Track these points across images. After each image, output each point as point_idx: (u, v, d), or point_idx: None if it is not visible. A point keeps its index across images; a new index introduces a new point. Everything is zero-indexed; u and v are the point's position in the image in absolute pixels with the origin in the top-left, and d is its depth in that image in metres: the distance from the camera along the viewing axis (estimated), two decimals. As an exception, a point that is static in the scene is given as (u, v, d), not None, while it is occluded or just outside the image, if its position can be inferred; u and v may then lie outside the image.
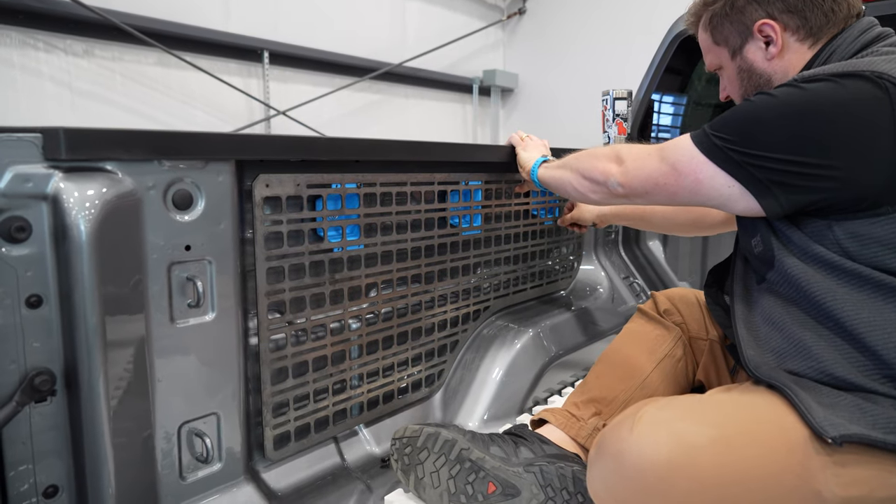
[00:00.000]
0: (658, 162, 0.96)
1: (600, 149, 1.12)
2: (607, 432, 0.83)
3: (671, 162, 0.94)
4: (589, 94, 4.72)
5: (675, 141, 0.96)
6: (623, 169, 1.02)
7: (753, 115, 0.86)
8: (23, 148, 0.77)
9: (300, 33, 3.94)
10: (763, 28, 0.97)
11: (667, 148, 0.96)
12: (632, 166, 1.01)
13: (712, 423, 0.78)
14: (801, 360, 0.85)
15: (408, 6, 4.63)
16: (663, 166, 0.95)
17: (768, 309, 0.92)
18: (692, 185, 0.91)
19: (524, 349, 1.49)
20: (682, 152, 0.92)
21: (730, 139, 0.86)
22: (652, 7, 4.38)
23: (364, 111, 4.45)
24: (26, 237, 0.77)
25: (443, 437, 1.02)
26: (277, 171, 1.05)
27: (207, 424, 0.98)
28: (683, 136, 0.95)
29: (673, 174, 0.93)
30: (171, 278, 0.91)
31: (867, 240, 0.81)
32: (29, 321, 0.79)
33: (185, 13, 3.43)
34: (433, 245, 1.35)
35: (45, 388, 0.80)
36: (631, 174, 1.00)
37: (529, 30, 5.16)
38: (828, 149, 0.80)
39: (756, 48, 1.00)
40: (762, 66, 1.00)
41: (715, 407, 0.83)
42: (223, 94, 3.64)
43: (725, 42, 1.04)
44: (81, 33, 3.09)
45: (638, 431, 0.77)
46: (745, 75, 1.03)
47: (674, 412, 0.81)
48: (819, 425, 0.74)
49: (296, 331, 1.11)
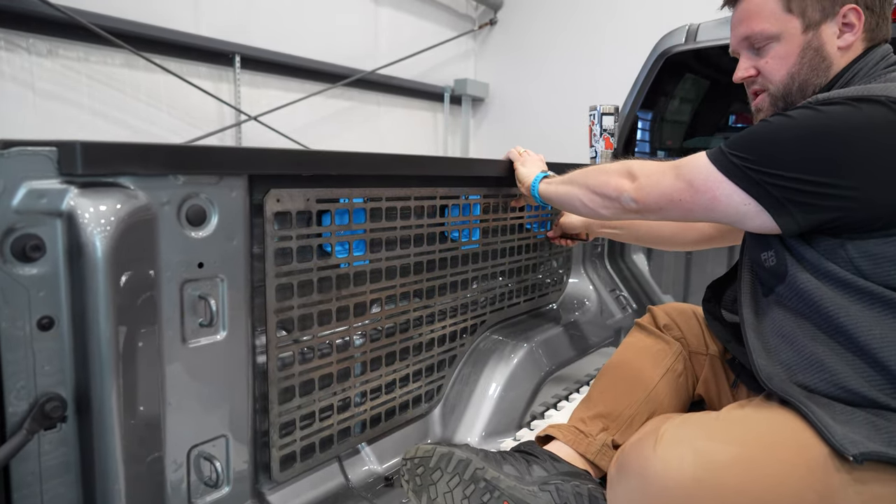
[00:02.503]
0: (673, 179, 0.97)
1: (610, 165, 1.12)
2: (629, 451, 0.83)
3: (688, 179, 0.95)
4: (558, 105, 4.81)
5: (691, 158, 0.97)
6: (637, 185, 1.02)
7: (771, 135, 0.88)
8: (37, 162, 0.73)
9: (272, 38, 3.88)
10: (849, 14, 0.94)
11: (683, 165, 0.97)
12: (646, 182, 1.01)
13: (733, 441, 0.79)
14: (813, 374, 0.87)
15: (380, 14, 4.61)
16: (679, 183, 0.96)
17: (779, 322, 0.93)
18: (709, 203, 0.92)
19: (520, 364, 1.49)
20: (699, 170, 0.93)
21: (748, 158, 0.87)
22: (620, 20, 4.48)
23: (336, 118, 4.41)
24: (41, 256, 0.73)
25: (457, 456, 1.01)
26: (288, 186, 1.02)
27: (216, 447, 0.95)
28: (699, 153, 0.96)
29: (689, 191, 0.94)
30: (184, 297, 0.88)
31: (880, 259, 0.83)
32: (40, 344, 0.75)
33: (153, 14, 3.33)
34: (434, 260, 1.34)
35: (55, 414, 0.76)
36: (645, 190, 1.01)
37: (500, 40, 5.21)
38: (843, 169, 0.82)
39: (831, 31, 0.95)
40: (831, 50, 0.96)
41: (734, 424, 0.84)
42: (193, 98, 3.56)
43: (802, 13, 0.96)
44: (45, 32, 2.97)
45: (662, 450, 0.78)
46: (810, 53, 0.96)
47: (695, 430, 0.81)
48: (839, 443, 0.76)
49: (303, 348, 1.09)
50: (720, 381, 1.22)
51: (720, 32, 1.89)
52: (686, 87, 2.21)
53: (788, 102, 1.00)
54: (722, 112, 2.27)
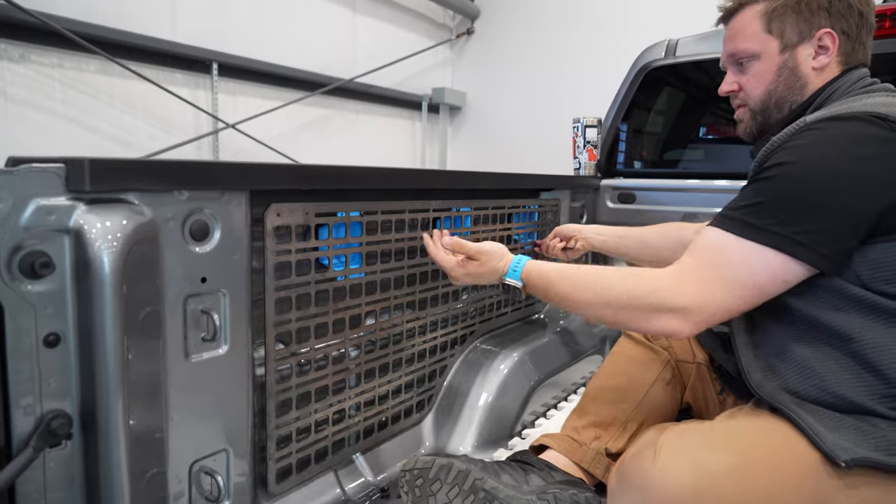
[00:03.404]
0: (725, 289, 0.87)
1: (634, 295, 0.93)
2: (629, 463, 0.85)
3: (743, 280, 0.87)
4: (535, 113, 4.87)
5: (727, 256, 0.88)
6: (682, 320, 0.89)
7: (801, 191, 0.85)
8: (46, 179, 0.73)
9: (250, 46, 3.86)
10: (824, 37, 0.98)
11: (725, 265, 0.88)
12: (694, 314, 0.89)
13: (729, 451, 0.81)
14: (802, 380, 0.88)
15: (359, 22, 4.62)
16: (736, 290, 0.87)
17: (769, 329, 0.95)
18: (778, 288, 0.88)
19: (510, 373, 1.51)
20: (751, 263, 0.86)
21: (784, 220, 0.84)
22: (596, 32, 4.57)
23: (314, 126, 4.40)
24: (50, 273, 0.73)
25: (456, 467, 1.03)
26: (287, 201, 1.03)
27: (217, 462, 0.95)
28: (730, 242, 0.88)
29: (754, 292, 0.87)
30: (187, 312, 0.88)
31: (881, 265, 0.84)
32: (46, 361, 0.75)
33: (129, 20, 3.29)
34: (427, 271, 1.36)
35: (61, 431, 0.76)
36: (696, 321, 0.89)
37: (477, 50, 5.26)
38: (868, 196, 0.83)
39: (807, 53, 1.00)
40: (806, 70, 1.01)
41: (728, 434, 0.86)
42: (169, 106, 3.51)
43: (780, 34, 1.01)
44: (17, 37, 2.91)
45: (661, 462, 0.80)
46: (786, 73, 1.02)
47: (691, 441, 0.83)
48: (830, 450, 0.79)
49: (300, 361, 1.10)
50: (707, 388, 1.25)
51: (699, 48, 1.95)
52: (665, 101, 2.27)
53: (766, 116, 1.06)
54: (698, 125, 2.34)
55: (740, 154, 2.30)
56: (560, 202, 1.87)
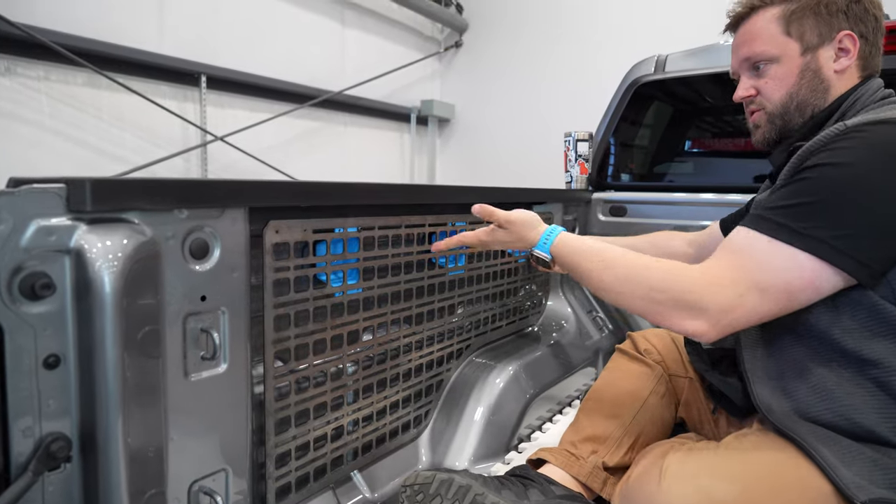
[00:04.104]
0: (759, 294, 0.82)
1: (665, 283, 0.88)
2: (633, 484, 0.86)
3: (777, 284, 0.82)
4: (523, 126, 4.91)
5: (758, 258, 0.83)
6: (710, 322, 0.84)
7: (843, 194, 0.81)
8: (47, 200, 0.72)
9: (239, 58, 3.86)
10: (845, 39, 0.97)
11: (756, 269, 0.83)
12: (723, 316, 0.83)
13: (735, 478, 0.81)
14: (819, 403, 0.86)
15: (347, 35, 4.64)
16: (769, 294, 0.82)
17: (786, 346, 0.91)
18: (812, 296, 0.83)
19: (506, 387, 1.52)
20: (784, 267, 0.81)
21: (831, 229, 0.80)
22: (583, 45, 4.62)
23: (303, 138, 4.40)
24: (50, 294, 0.72)
25: (457, 482, 1.02)
26: (286, 217, 1.03)
27: (216, 481, 0.94)
28: (761, 244, 0.84)
29: (784, 297, 0.82)
30: (187, 330, 0.87)
31: None
32: (46, 383, 0.74)
33: (116, 33, 3.28)
34: (423, 286, 1.36)
35: (61, 454, 0.75)
36: (724, 323, 0.84)
37: (466, 62, 5.29)
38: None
39: (828, 55, 0.98)
40: (828, 73, 0.99)
41: (735, 460, 0.85)
42: (157, 118, 3.50)
43: (801, 36, 0.99)
44: (3, 50, 2.88)
45: (667, 486, 0.80)
46: (808, 75, 0.99)
47: (697, 466, 0.84)
48: (847, 487, 0.77)
49: (298, 378, 1.09)
50: (701, 404, 1.25)
51: (687, 63, 1.99)
52: (655, 115, 2.30)
53: (786, 121, 1.03)
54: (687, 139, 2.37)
55: (730, 167, 2.34)
56: (553, 215, 1.88)
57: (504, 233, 1.16)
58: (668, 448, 0.88)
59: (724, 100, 2.20)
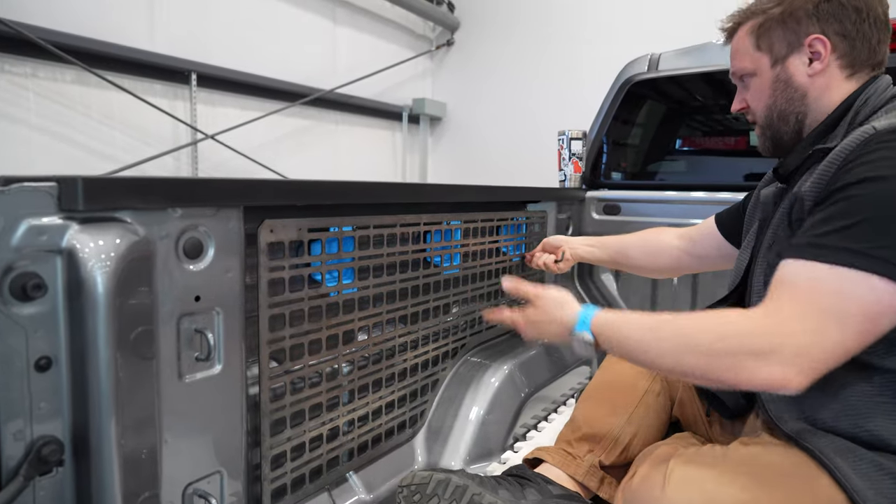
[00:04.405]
0: (839, 328, 0.75)
1: (730, 339, 0.79)
2: (637, 488, 0.85)
3: (854, 312, 0.75)
4: (515, 124, 4.90)
5: (825, 287, 0.76)
6: (795, 369, 0.75)
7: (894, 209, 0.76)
8: (37, 199, 0.71)
9: (230, 56, 3.83)
10: (814, 43, 0.95)
11: (836, 302, 0.75)
12: (806, 360, 0.75)
13: (741, 486, 0.79)
14: (836, 414, 0.84)
15: (339, 33, 4.61)
16: (853, 326, 0.75)
17: None
18: (893, 320, 0.76)
19: (501, 386, 1.51)
20: (857, 293, 0.75)
21: (893, 246, 0.74)
22: (574, 44, 4.62)
23: (294, 136, 4.37)
24: (42, 295, 0.71)
25: (454, 482, 1.02)
26: (280, 216, 1.02)
27: (211, 484, 0.93)
28: (822, 272, 0.77)
29: (868, 326, 0.75)
30: (181, 331, 0.86)
31: None
32: (37, 385, 0.73)
33: (106, 30, 3.24)
34: (418, 285, 1.35)
35: (53, 458, 0.73)
36: (810, 368, 0.75)
37: (457, 61, 5.28)
38: None
39: (800, 62, 0.98)
40: (801, 80, 0.98)
41: (742, 467, 0.83)
42: (147, 116, 3.46)
43: (770, 49, 1.00)
44: (-10, 47, 2.85)
45: (671, 491, 0.79)
46: (780, 86, 1.00)
47: (702, 470, 0.82)
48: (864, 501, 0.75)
49: (293, 379, 1.08)
50: (695, 404, 1.25)
51: (680, 62, 1.99)
52: (648, 114, 2.30)
53: (774, 131, 1.03)
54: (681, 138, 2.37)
55: (722, 165, 2.35)
56: (547, 214, 1.88)
57: (534, 311, 1.07)
58: (671, 451, 0.87)
59: (717, 98, 2.21)
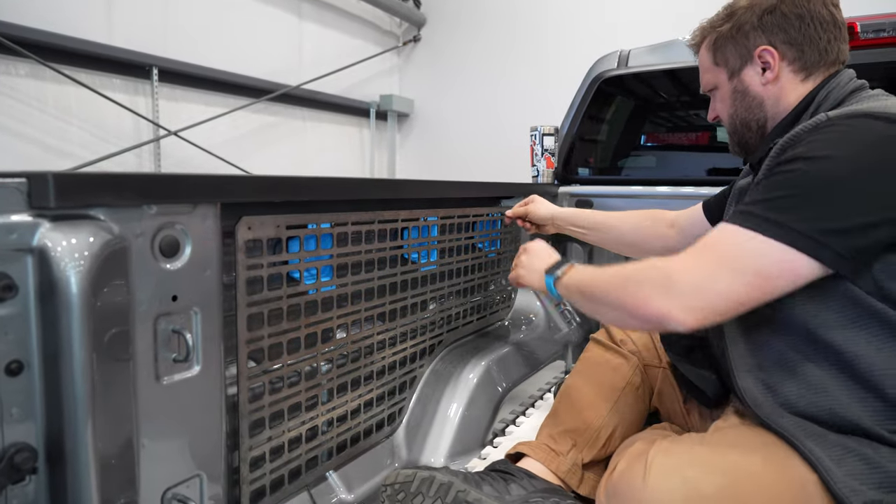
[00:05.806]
0: (732, 277, 0.82)
1: (640, 271, 0.90)
2: (618, 479, 0.86)
3: (753, 270, 0.81)
4: (482, 120, 4.91)
5: (740, 245, 0.83)
6: (683, 303, 0.82)
7: (821, 185, 0.81)
8: (6, 195, 0.68)
9: (192, 51, 3.74)
10: (763, 54, 1.01)
11: (737, 257, 0.82)
12: (694, 298, 0.82)
13: (721, 471, 0.81)
14: (803, 396, 0.85)
15: (304, 28, 4.55)
16: (744, 278, 0.81)
17: (769, 340, 0.91)
18: (789, 284, 0.82)
19: (479, 382, 1.51)
20: (763, 254, 0.81)
21: (810, 221, 0.79)
22: (541, 40, 4.65)
23: (259, 133, 4.30)
24: (13, 296, 0.68)
25: (438, 480, 1.01)
26: (258, 213, 1.00)
27: (190, 488, 0.91)
28: (741, 234, 0.83)
29: (760, 283, 0.81)
30: (157, 332, 0.84)
31: None
32: (8, 391, 0.69)
33: (62, 23, 3.13)
34: (396, 282, 1.34)
35: (26, 466, 0.70)
36: (698, 307, 0.82)
37: (424, 57, 5.26)
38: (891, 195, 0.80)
39: (753, 72, 1.03)
40: (757, 89, 1.03)
41: (720, 452, 0.85)
42: (106, 112, 3.36)
43: (725, 63, 1.06)
44: (-61, 39, 2.72)
45: (651, 481, 0.80)
46: (738, 96, 1.06)
47: (681, 458, 0.84)
48: (841, 492, 0.77)
49: (272, 378, 1.06)
50: (674, 394, 1.27)
51: (650, 59, 2.02)
52: (618, 110, 2.33)
53: (739, 136, 1.10)
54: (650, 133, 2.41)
55: (691, 161, 2.39)
56: (520, 209, 1.88)
57: (518, 260, 1.29)
58: (650, 441, 0.88)
59: (685, 94, 2.25)
